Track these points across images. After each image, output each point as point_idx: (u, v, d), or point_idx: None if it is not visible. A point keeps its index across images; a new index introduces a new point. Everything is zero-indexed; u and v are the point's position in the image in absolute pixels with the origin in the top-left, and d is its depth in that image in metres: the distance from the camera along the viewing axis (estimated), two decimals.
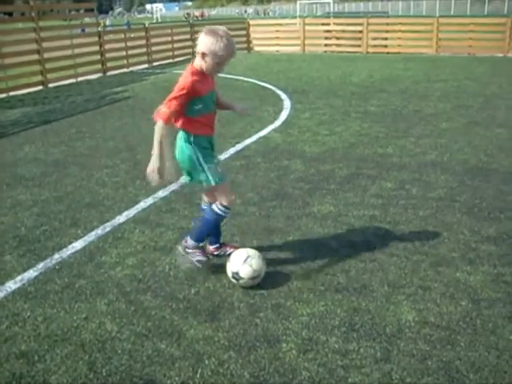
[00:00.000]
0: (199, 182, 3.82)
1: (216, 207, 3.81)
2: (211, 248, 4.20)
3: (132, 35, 19.57)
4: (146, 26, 19.24)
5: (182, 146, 3.69)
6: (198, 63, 3.55)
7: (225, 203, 3.79)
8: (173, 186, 5.72)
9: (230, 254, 3.95)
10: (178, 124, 3.63)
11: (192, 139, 3.65)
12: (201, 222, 4.00)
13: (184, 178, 3.91)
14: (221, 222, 4.05)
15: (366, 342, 3.18)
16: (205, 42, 3.46)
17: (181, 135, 3.70)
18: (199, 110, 3.58)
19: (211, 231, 4.04)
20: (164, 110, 3.45)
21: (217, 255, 4.19)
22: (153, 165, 3.51)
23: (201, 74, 3.56)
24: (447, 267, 4.02)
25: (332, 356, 3.06)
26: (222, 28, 3.53)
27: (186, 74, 3.56)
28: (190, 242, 3.95)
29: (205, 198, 4.07)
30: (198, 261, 3.94)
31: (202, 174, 3.71)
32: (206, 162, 3.69)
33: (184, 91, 3.45)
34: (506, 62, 17.05)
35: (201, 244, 3.97)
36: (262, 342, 3.21)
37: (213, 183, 3.73)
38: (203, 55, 3.48)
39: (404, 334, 3.25)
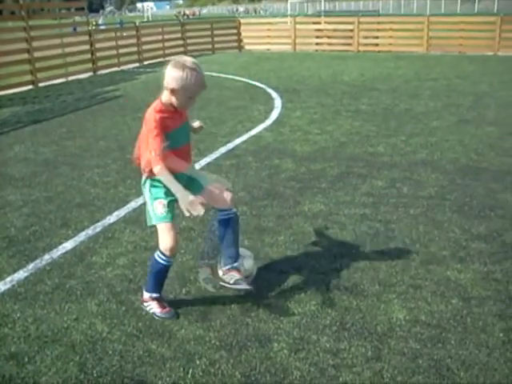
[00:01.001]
0: (149, 224, 3.49)
1: (156, 254, 3.45)
2: (224, 269, 3.64)
3: (124, 34, 19.51)
4: (137, 24, 19.18)
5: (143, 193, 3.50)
6: (167, 99, 3.28)
7: (161, 248, 3.39)
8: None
9: (234, 283, 3.56)
10: (142, 164, 3.40)
11: (149, 180, 3.41)
12: (148, 271, 3.64)
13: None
14: (167, 273, 3.53)
15: (357, 341, 3.18)
16: (173, 76, 3.18)
17: (143, 181, 3.48)
18: (173, 143, 3.27)
19: (161, 281, 3.53)
20: (153, 155, 3.19)
21: (222, 280, 3.66)
22: (185, 201, 3.11)
23: (169, 111, 3.30)
24: (438, 265, 4.03)
25: (323, 355, 3.06)
26: (189, 59, 3.26)
27: (149, 113, 3.29)
28: (144, 293, 3.57)
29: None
30: (154, 314, 3.50)
31: (147, 210, 3.45)
32: (151, 195, 3.41)
33: (158, 128, 3.19)
34: (496, 60, 17.12)
35: (154, 295, 3.51)
36: (254, 341, 3.21)
37: (152, 223, 3.42)
38: (173, 91, 3.21)
39: (395, 332, 3.26)
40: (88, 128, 8.96)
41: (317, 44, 22.09)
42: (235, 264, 3.59)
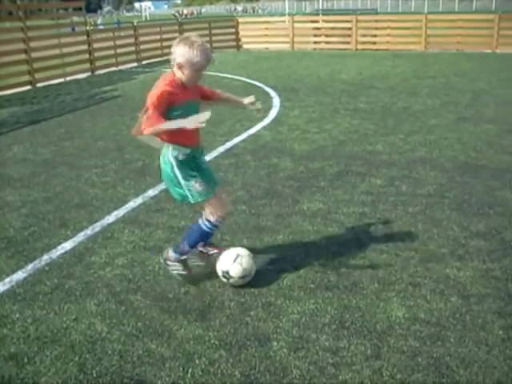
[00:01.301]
0: (179, 199, 3.69)
1: (202, 223, 3.68)
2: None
3: (122, 34, 19.49)
4: (135, 24, 19.16)
5: (161, 163, 3.58)
6: (177, 74, 3.41)
7: (211, 219, 3.63)
8: (162, 186, 5.69)
9: (211, 255, 3.94)
10: (159, 137, 3.48)
11: (171, 153, 3.50)
12: (186, 235, 3.85)
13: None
14: (206, 239, 3.85)
15: (357, 340, 3.18)
16: (179, 51, 3.33)
17: (162, 151, 3.57)
18: (179, 116, 3.34)
19: (196, 245, 3.84)
20: (145, 120, 3.30)
21: (199, 251, 4.04)
22: (192, 121, 3.26)
23: (179, 83, 3.41)
24: (437, 263, 4.03)
25: (322, 354, 3.07)
26: (194, 35, 3.42)
27: (158, 82, 3.40)
28: (171, 253, 3.83)
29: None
30: (179, 274, 3.84)
31: (181, 190, 3.58)
32: (183, 178, 3.53)
33: (156, 102, 3.29)
34: (494, 57, 17.12)
35: (182, 257, 3.81)
36: (253, 340, 3.21)
37: (191, 201, 3.60)
38: (180, 66, 3.35)
39: (394, 330, 3.26)
40: (86, 128, 8.95)
41: (315, 42, 22.07)
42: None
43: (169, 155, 3.52)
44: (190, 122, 3.24)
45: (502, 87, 11.50)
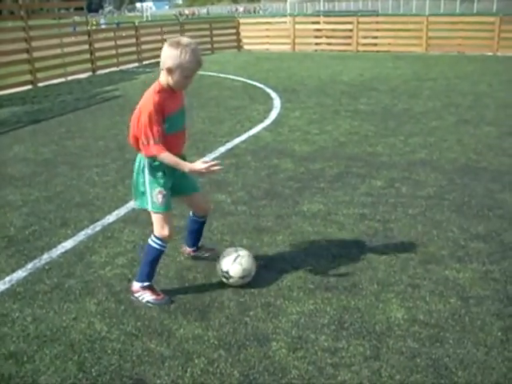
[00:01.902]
0: (140, 206, 3.59)
1: (151, 241, 3.55)
2: (188, 250, 4.18)
3: (124, 34, 19.51)
4: (136, 24, 19.18)
5: (135, 169, 3.53)
6: (164, 80, 3.29)
7: (158, 235, 3.50)
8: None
9: (206, 257, 4.08)
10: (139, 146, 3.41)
11: (145, 160, 3.42)
12: (141, 260, 3.71)
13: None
14: (159, 258, 3.65)
15: (356, 340, 3.19)
16: (168, 55, 3.20)
17: (138, 158, 3.52)
18: (169, 128, 3.31)
19: (154, 268, 3.65)
20: (149, 142, 3.25)
21: (193, 257, 4.19)
22: (198, 167, 3.32)
23: (168, 92, 3.31)
24: (436, 265, 4.04)
25: (321, 354, 3.07)
26: (184, 38, 3.26)
27: (148, 94, 3.31)
28: (134, 284, 3.65)
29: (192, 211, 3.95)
30: (148, 302, 3.58)
31: (142, 195, 3.51)
32: (150, 183, 3.44)
33: (156, 113, 3.22)
34: (495, 60, 17.13)
35: (146, 284, 3.60)
36: (252, 340, 3.21)
37: (149, 209, 3.48)
38: (169, 71, 3.22)
39: (393, 331, 3.26)
40: (87, 128, 8.96)
41: (316, 44, 22.08)
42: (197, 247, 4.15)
43: (142, 160, 3.46)
44: (197, 167, 3.33)
45: (502, 90, 11.51)
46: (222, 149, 7.35)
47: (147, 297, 3.60)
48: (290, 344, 3.18)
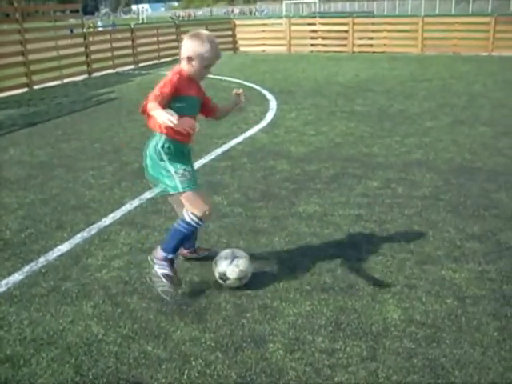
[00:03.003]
0: (166, 190, 3.59)
1: (188, 217, 3.51)
2: (184, 251, 4.15)
3: (120, 36, 19.50)
4: (132, 27, 19.18)
5: (150, 150, 3.54)
6: (185, 67, 3.49)
7: (198, 214, 3.49)
8: (158, 188, 5.68)
9: (201, 258, 4.13)
10: (152, 124, 3.45)
11: (163, 142, 3.48)
12: (171, 232, 3.68)
13: (154, 191, 3.74)
14: (192, 234, 3.74)
15: (353, 341, 3.19)
16: (189, 45, 3.42)
17: (152, 139, 3.55)
18: (180, 108, 3.27)
19: (183, 243, 3.75)
20: (152, 98, 3.23)
21: (189, 258, 4.21)
22: (181, 123, 3.11)
23: (187, 77, 3.49)
24: (432, 265, 4.05)
25: (318, 355, 3.07)
26: (205, 31, 3.52)
27: (169, 72, 3.49)
28: (159, 252, 3.68)
29: (178, 212, 3.85)
30: (164, 274, 3.62)
31: (169, 179, 3.50)
32: (173, 166, 3.48)
33: (169, 85, 3.31)
34: (491, 60, 17.18)
35: (170, 256, 3.65)
36: (249, 342, 3.21)
37: (180, 190, 3.48)
38: (189, 59, 3.43)
39: (390, 332, 3.27)
40: (83, 130, 8.95)
41: (312, 45, 22.13)
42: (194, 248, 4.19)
43: (161, 142, 3.48)
44: (179, 124, 3.08)
45: (497, 90, 11.54)
46: (219, 150, 7.35)
47: (166, 270, 3.61)
48: (287, 345, 3.18)
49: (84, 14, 20.48)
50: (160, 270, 3.64)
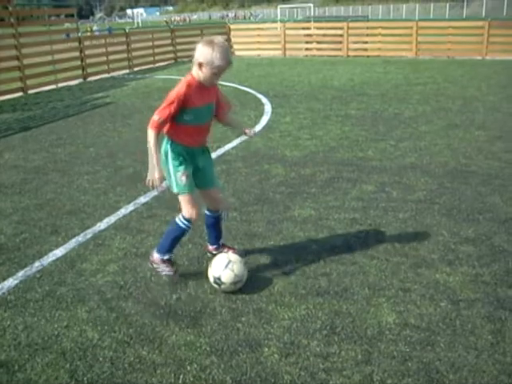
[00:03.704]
0: (171, 187, 3.83)
1: (178, 219, 3.83)
2: (210, 247, 4.29)
3: (115, 40, 19.51)
4: (127, 31, 19.19)
5: (161, 149, 3.73)
6: (196, 73, 3.57)
7: (186, 216, 3.77)
8: (153, 192, 5.69)
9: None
10: (165, 128, 3.67)
11: (169, 144, 3.70)
12: (164, 233, 4.02)
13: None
14: (183, 236, 3.96)
15: (347, 345, 3.20)
16: (201, 51, 3.49)
17: (163, 139, 3.75)
18: (188, 120, 3.60)
19: (175, 243, 3.98)
20: (154, 118, 3.52)
21: (215, 255, 4.18)
22: (151, 175, 3.55)
23: (198, 85, 3.58)
24: (427, 269, 4.06)
25: (313, 359, 3.08)
26: (218, 38, 3.57)
27: (181, 83, 3.57)
28: (155, 255, 3.96)
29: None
30: (165, 275, 3.96)
31: (169, 178, 3.74)
32: (174, 166, 3.70)
33: (175, 102, 3.49)
34: (485, 64, 17.26)
35: (165, 257, 3.93)
36: (244, 346, 3.22)
37: (175, 190, 3.76)
38: (200, 65, 3.51)
39: (384, 336, 3.27)
40: (78, 135, 8.94)
41: (307, 49, 22.21)
42: (218, 244, 4.28)
43: (168, 144, 3.71)
44: (150, 175, 3.55)
45: (491, 93, 11.59)
46: (213, 155, 7.34)
47: (165, 271, 3.93)
48: (282, 349, 3.18)
49: (79, 18, 20.47)
50: (162, 272, 3.95)
